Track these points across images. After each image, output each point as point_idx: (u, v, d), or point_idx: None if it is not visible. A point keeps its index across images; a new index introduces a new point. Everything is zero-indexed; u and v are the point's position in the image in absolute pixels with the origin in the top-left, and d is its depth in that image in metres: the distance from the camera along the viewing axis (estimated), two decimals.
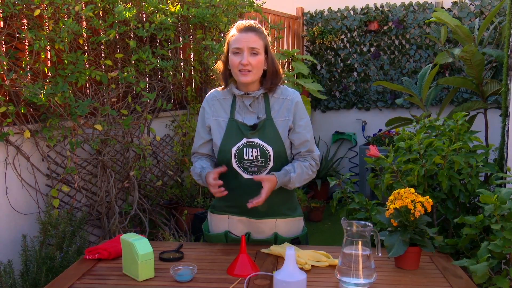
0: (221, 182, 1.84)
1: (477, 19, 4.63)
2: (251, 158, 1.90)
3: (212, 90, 2.07)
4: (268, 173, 1.92)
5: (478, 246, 1.80)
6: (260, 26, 1.96)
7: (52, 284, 1.63)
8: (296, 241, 2.03)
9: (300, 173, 1.92)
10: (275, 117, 1.94)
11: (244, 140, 1.90)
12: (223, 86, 2.01)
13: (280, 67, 1.99)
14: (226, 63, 1.96)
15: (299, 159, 1.99)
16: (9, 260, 2.48)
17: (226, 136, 1.93)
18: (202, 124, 2.03)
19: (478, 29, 4.11)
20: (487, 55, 3.98)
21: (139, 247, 1.63)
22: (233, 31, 1.94)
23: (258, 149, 1.90)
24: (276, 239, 1.98)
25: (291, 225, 2.05)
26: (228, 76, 1.98)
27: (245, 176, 1.93)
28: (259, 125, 1.92)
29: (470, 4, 5.35)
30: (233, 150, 1.91)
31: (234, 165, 1.92)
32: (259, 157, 1.90)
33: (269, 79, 1.94)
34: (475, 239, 1.84)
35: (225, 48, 1.96)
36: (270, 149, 1.90)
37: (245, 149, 1.90)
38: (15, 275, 2.49)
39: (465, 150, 2.16)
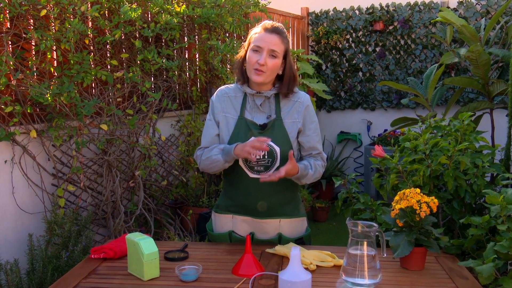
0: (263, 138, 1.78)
1: (483, 18, 4.61)
2: (258, 157, 1.90)
3: (223, 87, 2.07)
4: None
5: (484, 247, 1.79)
6: (285, 30, 1.95)
7: (57, 283, 1.63)
8: (300, 241, 2.03)
9: (314, 172, 1.96)
10: (284, 118, 1.95)
11: (252, 139, 1.90)
12: (240, 81, 1.99)
13: (297, 72, 1.99)
14: (244, 60, 1.96)
15: (311, 157, 2.02)
16: (15, 259, 2.50)
17: (234, 134, 1.93)
18: (212, 119, 2.03)
19: (484, 29, 4.09)
20: (493, 55, 3.96)
21: (144, 247, 1.64)
22: (257, 29, 1.93)
23: None
24: (280, 240, 1.98)
25: (295, 225, 2.05)
26: (244, 72, 1.97)
27: (251, 175, 1.93)
28: (268, 124, 1.92)
29: (476, 3, 5.32)
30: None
31: (241, 163, 1.93)
32: (266, 156, 1.90)
33: (286, 84, 1.94)
34: (481, 239, 1.84)
35: (246, 43, 1.96)
36: (277, 149, 1.90)
37: None
38: (21, 274, 2.50)
39: (471, 150, 2.15)
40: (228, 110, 1.99)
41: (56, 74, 2.90)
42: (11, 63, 2.60)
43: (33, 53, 2.80)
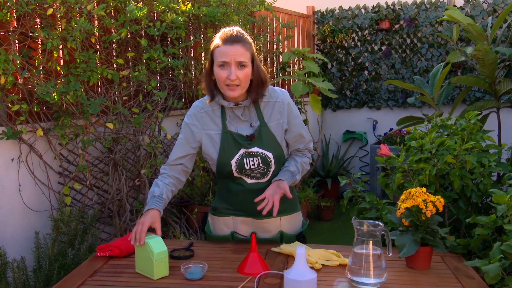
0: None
1: (490, 17, 4.58)
2: (252, 166, 1.89)
3: (196, 102, 1.99)
4: (271, 177, 1.93)
5: (490, 247, 1.78)
6: (245, 33, 1.85)
7: (64, 281, 1.64)
8: (301, 236, 2.05)
9: (302, 171, 1.99)
10: (268, 122, 1.91)
11: (242, 151, 1.88)
12: (209, 99, 1.92)
13: (266, 73, 1.90)
14: (211, 73, 1.87)
15: (298, 154, 2.03)
16: (22, 257, 2.51)
17: (223, 149, 1.89)
18: (189, 139, 1.94)
19: (491, 27, 4.06)
20: (500, 54, 3.93)
21: (154, 246, 1.64)
22: (217, 41, 1.82)
23: (259, 157, 1.89)
24: (282, 237, 1.99)
25: (294, 221, 2.07)
26: (213, 88, 1.90)
27: (248, 180, 1.93)
28: (255, 134, 1.89)
29: (483, 2, 5.29)
30: (233, 162, 1.88)
31: (236, 174, 1.92)
32: (260, 164, 1.89)
33: (255, 90, 1.86)
34: (487, 239, 1.83)
35: (209, 57, 1.87)
36: (270, 155, 1.89)
37: (245, 159, 1.88)
38: (28, 272, 2.52)
39: (477, 149, 2.14)
40: (209, 126, 1.92)
41: (62, 72, 2.91)
42: (18, 62, 2.62)
43: (40, 52, 2.81)
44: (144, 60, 3.35)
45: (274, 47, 5.25)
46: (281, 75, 5.29)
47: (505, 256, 1.59)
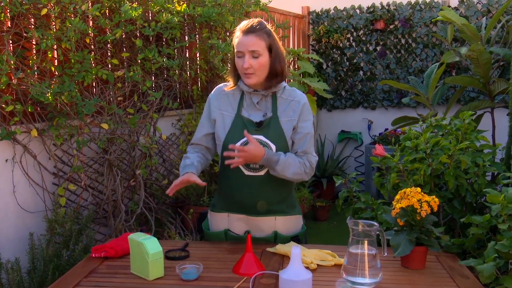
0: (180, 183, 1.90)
1: (484, 17, 4.60)
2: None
3: (221, 84, 2.08)
4: (269, 171, 1.93)
5: (485, 246, 1.79)
6: (264, 23, 1.94)
7: (59, 282, 1.64)
8: (295, 239, 2.04)
9: (291, 162, 1.89)
10: (280, 116, 1.95)
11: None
12: (232, 84, 2.02)
13: (286, 64, 1.99)
14: (234, 63, 1.98)
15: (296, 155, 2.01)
16: (17, 258, 2.50)
17: (231, 132, 1.95)
18: (207, 116, 2.05)
19: (485, 27, 4.08)
20: (494, 54, 3.95)
21: (149, 247, 1.64)
22: (237, 32, 1.94)
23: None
24: (276, 237, 1.99)
25: (290, 222, 2.06)
26: (237, 74, 1.99)
27: (246, 172, 1.94)
28: (264, 122, 1.93)
29: (477, 2, 5.32)
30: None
31: None
32: None
33: (269, 79, 1.94)
34: (482, 238, 1.84)
35: (232, 48, 1.99)
36: (273, 147, 1.91)
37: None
38: (22, 273, 2.51)
39: (472, 149, 2.15)
40: (225, 107, 2.00)
41: (57, 73, 2.90)
42: (12, 62, 2.60)
43: (34, 52, 2.80)
44: (139, 61, 3.35)
45: None
46: None
47: (500, 256, 1.60)
